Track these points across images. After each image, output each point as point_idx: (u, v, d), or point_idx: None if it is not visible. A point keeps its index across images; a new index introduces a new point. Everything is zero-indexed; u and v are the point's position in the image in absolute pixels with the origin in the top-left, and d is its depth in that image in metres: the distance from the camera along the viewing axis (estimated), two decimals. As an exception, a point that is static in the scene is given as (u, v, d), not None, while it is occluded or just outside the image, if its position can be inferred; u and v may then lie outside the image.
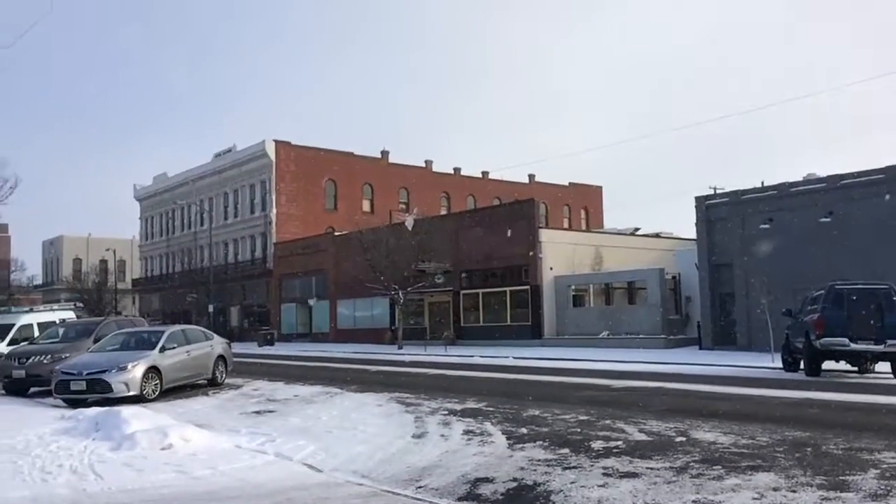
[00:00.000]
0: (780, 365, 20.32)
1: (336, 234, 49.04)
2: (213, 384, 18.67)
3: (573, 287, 36.62)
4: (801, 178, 29.59)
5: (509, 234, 36.89)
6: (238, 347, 23.00)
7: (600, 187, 75.04)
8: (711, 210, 30.46)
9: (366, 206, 58.63)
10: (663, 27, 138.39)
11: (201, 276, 56.66)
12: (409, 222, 39.72)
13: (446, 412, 12.83)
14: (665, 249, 39.61)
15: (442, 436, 10.58)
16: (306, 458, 9.21)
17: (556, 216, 66.98)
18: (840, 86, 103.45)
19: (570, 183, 71.92)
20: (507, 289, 37.39)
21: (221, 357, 19.34)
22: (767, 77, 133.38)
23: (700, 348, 29.71)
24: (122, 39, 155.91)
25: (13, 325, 25.06)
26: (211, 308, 52.34)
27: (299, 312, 51.72)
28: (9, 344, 23.25)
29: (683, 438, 9.75)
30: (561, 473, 8.00)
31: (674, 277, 35.57)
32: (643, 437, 10.01)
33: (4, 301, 64.79)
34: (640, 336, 32.00)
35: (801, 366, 18.96)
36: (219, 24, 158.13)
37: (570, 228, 61.11)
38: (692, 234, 33.37)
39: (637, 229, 46.15)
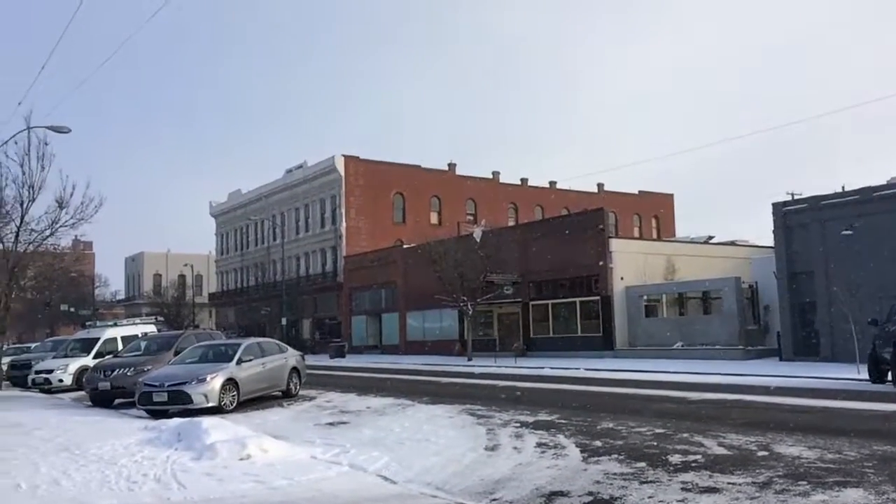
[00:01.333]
0: (866, 376, 19.43)
1: (404, 246, 49.42)
2: (288, 396, 19.00)
3: (645, 297, 35.93)
4: (884, 182, 28.36)
5: (578, 244, 36.51)
6: (310, 359, 23.38)
7: (671, 195, 73.65)
8: (790, 217, 29.46)
9: (433, 218, 58.95)
10: (732, 32, 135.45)
11: (274, 289, 57.92)
12: (478, 234, 39.70)
13: (518, 424, 12.74)
14: (741, 258, 38.50)
15: (515, 448, 10.51)
16: (380, 470, 9.28)
17: (626, 225, 66.03)
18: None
19: (639, 191, 70.83)
20: (577, 299, 36.95)
21: (295, 369, 19.68)
22: (842, 80, 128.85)
23: (780, 359, 28.69)
24: (196, 61, 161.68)
25: (98, 338, 26.19)
26: (284, 321, 53.43)
27: (369, 324, 52.28)
28: (94, 357, 24.31)
29: (766, 452, 9.43)
30: (638, 488, 7.84)
31: (751, 286, 34.51)
32: (723, 450, 9.73)
33: (90, 316, 67.61)
34: (717, 347, 31.12)
35: (889, 377, 18.12)
36: (288, 44, 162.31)
37: (640, 237, 60.11)
38: (769, 241, 32.36)
39: (711, 237, 45.04)
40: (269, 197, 64.71)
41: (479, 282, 36.69)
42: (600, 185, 68.96)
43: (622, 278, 35.65)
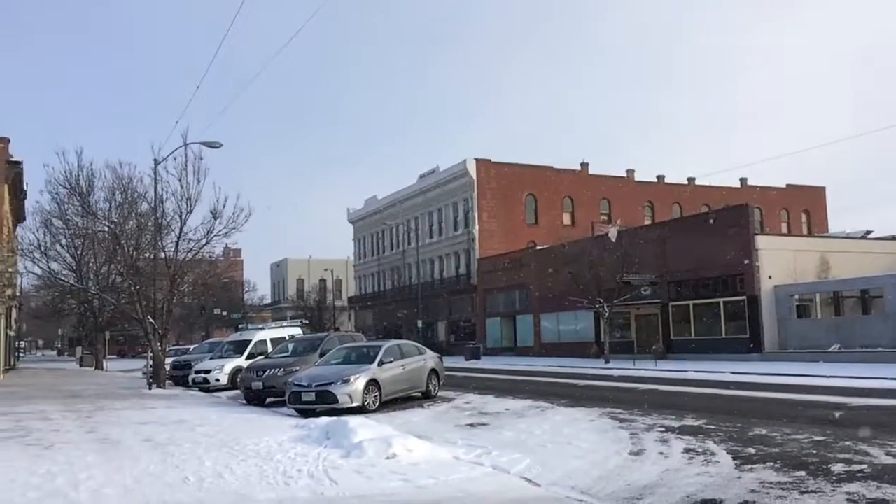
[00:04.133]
0: None
1: (537, 248, 49.15)
2: (427, 397, 19.33)
3: (796, 297, 33.90)
4: None
5: (721, 242, 34.96)
6: (446, 361, 23.70)
7: (822, 188, 69.15)
8: (960, 207, 26.90)
9: (566, 219, 58.29)
10: (882, 12, 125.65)
11: (410, 292, 59.18)
12: (613, 233, 38.86)
13: (663, 429, 12.35)
14: (904, 253, 35.62)
15: (661, 453, 10.19)
16: (523, 472, 9.25)
17: (772, 221, 62.61)
18: None
19: (787, 185, 66.98)
20: (721, 300, 35.38)
21: (434, 371, 19.99)
22: None
23: (953, 363, 26.27)
24: (333, 73, 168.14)
25: (250, 341, 27.69)
26: (420, 323, 54.49)
27: (504, 326, 52.35)
28: (247, 358, 25.69)
29: (943, 465, 8.65)
30: (798, 498, 7.42)
31: (916, 284, 31.81)
32: (891, 460, 9.02)
33: (240, 319, 71.79)
34: (879, 349, 28.86)
35: None
36: (422, 50, 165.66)
37: (789, 234, 56.82)
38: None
39: (869, 232, 41.91)
40: (403, 202, 66.20)
41: (615, 283, 35.88)
42: (743, 180, 65.81)
43: (770, 277, 33.83)
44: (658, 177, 64.12)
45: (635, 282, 36.55)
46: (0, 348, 35.69)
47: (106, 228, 30.41)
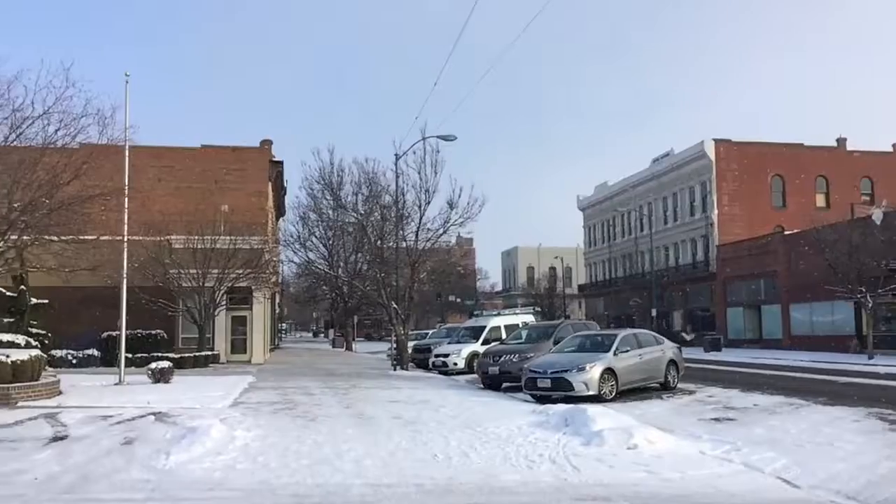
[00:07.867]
0: None
1: (786, 232, 45.49)
2: (665, 388, 18.65)
3: None
4: None
5: None
6: (683, 352, 22.67)
7: None
8: None
9: (820, 200, 53.28)
10: None
11: (643, 280, 57.52)
12: (878, 215, 34.80)
13: (947, 435, 10.89)
14: None
15: (947, 462, 9.00)
16: (779, 472, 8.64)
17: None
18: None
19: None
20: None
21: (673, 361, 19.26)
22: None
23: None
24: (566, 65, 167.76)
25: (485, 327, 28.52)
26: (654, 312, 52.78)
27: (747, 317, 49.12)
28: (482, 343, 26.49)
29: None
30: None
31: None
32: None
33: (473, 306, 74.26)
34: None
35: None
36: (646, 34, 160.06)
37: None
38: None
39: None
40: (635, 187, 64.43)
41: (881, 270, 32.17)
42: None
43: None
44: (934, 149, 56.54)
45: (905, 269, 32.51)
46: (266, 330, 39.92)
47: (354, 220, 32.79)
